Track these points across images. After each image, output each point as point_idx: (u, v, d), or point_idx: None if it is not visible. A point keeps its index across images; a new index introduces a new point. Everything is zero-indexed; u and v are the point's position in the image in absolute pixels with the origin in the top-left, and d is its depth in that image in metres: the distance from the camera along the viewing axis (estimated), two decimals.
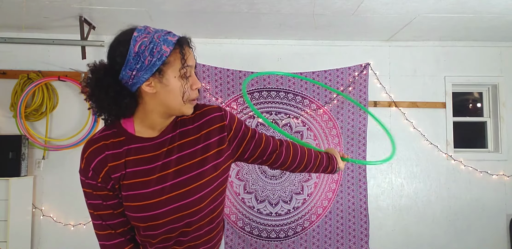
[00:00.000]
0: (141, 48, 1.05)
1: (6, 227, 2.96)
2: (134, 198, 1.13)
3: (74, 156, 3.38)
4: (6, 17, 3.05)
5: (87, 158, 1.12)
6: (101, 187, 1.13)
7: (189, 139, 1.18)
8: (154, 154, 1.15)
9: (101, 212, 1.15)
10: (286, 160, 1.35)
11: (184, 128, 1.19)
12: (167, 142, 1.17)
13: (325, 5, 2.76)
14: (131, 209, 1.13)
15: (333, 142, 3.44)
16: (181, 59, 1.09)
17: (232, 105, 3.44)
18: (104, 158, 1.11)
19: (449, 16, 2.98)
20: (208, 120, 1.21)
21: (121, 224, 1.17)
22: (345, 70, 3.49)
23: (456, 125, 3.61)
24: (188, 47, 1.12)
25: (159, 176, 1.14)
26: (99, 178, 1.12)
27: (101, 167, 1.11)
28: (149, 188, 1.13)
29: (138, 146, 1.15)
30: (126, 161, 1.13)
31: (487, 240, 3.48)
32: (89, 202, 1.15)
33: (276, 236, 3.37)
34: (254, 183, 3.40)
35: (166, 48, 1.07)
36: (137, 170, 1.13)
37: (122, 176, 1.13)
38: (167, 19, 3.08)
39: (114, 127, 1.16)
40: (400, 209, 3.51)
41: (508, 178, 3.51)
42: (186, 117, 1.21)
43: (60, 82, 3.41)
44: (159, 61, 1.06)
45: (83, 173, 1.13)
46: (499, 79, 3.60)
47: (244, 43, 3.58)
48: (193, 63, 1.13)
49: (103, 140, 1.14)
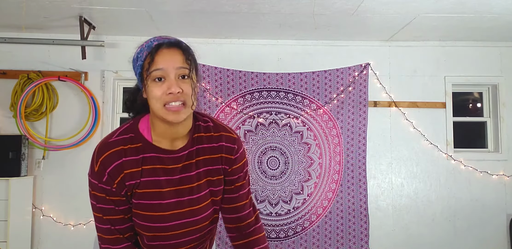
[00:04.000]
0: (135, 55, 1.10)
1: (6, 227, 2.96)
2: (147, 208, 1.12)
3: (74, 156, 3.38)
4: (6, 17, 3.05)
5: (103, 162, 1.08)
6: (115, 192, 1.10)
7: (205, 157, 1.18)
8: (172, 167, 1.14)
9: (112, 217, 1.13)
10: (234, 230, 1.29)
11: (200, 145, 1.18)
12: (184, 158, 1.15)
13: (325, 5, 2.76)
14: (141, 217, 1.13)
15: (333, 142, 3.44)
16: (149, 62, 1.05)
17: (232, 105, 3.44)
18: (120, 164, 1.09)
19: (449, 16, 2.98)
20: (218, 147, 1.19)
21: (129, 229, 1.16)
22: (345, 70, 3.49)
23: (456, 125, 3.61)
24: (166, 49, 1.06)
25: (176, 189, 1.14)
26: (115, 183, 1.09)
27: (118, 173, 1.09)
28: (164, 200, 1.13)
29: (156, 156, 1.12)
30: (143, 169, 1.11)
31: (487, 240, 3.48)
32: (99, 206, 1.12)
33: (276, 236, 3.37)
34: (254, 183, 3.40)
35: (144, 53, 1.06)
36: (153, 180, 1.12)
37: (137, 184, 1.11)
38: (167, 19, 3.08)
39: (132, 131, 1.13)
40: (400, 209, 3.51)
41: (508, 178, 3.51)
42: (203, 135, 1.18)
43: (60, 82, 3.41)
44: (139, 67, 1.08)
45: (97, 176, 1.09)
46: (499, 79, 3.60)
47: (244, 43, 3.58)
48: (166, 65, 1.04)
49: (121, 144, 1.11)
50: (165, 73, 1.04)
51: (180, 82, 1.05)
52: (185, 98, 1.05)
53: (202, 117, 1.22)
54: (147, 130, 1.13)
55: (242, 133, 3.43)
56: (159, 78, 1.05)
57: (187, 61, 1.07)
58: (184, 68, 1.06)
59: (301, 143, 3.44)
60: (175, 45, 1.07)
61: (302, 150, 3.44)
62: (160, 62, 1.04)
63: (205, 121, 1.21)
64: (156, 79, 1.05)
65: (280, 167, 3.44)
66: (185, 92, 1.05)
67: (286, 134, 3.45)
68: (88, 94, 3.37)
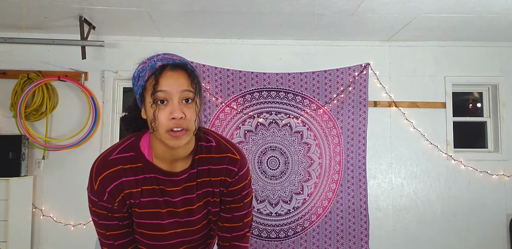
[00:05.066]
0: (136, 73, 1.06)
1: (6, 227, 2.96)
2: (146, 227, 1.14)
3: (74, 156, 3.39)
4: (6, 17, 3.05)
5: (102, 181, 1.07)
6: (117, 209, 1.10)
7: (205, 179, 1.16)
8: (172, 189, 1.13)
9: (116, 232, 1.13)
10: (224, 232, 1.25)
11: (202, 167, 1.15)
12: (185, 179, 1.14)
13: (325, 5, 2.76)
14: (139, 234, 1.17)
15: (333, 142, 3.44)
16: (153, 85, 0.99)
17: (232, 105, 3.44)
18: (120, 183, 1.08)
19: (449, 16, 2.98)
20: (221, 169, 1.16)
21: (131, 242, 1.18)
22: (345, 70, 3.49)
23: (456, 125, 3.61)
24: (170, 71, 1.01)
25: (176, 211, 1.15)
26: (116, 202, 1.09)
27: (118, 192, 1.08)
28: (159, 220, 1.14)
29: (155, 177, 1.11)
30: (143, 189, 1.10)
31: (487, 240, 3.48)
32: (101, 222, 1.11)
33: (276, 236, 3.37)
34: (254, 183, 3.40)
35: (147, 73, 1.02)
36: (152, 200, 1.12)
37: (136, 204, 1.11)
38: (167, 19, 3.08)
39: (133, 149, 1.11)
40: (400, 209, 3.51)
41: (508, 178, 3.51)
42: (205, 156, 1.15)
43: (60, 82, 3.41)
44: (140, 87, 1.04)
45: (97, 195, 1.08)
46: (499, 79, 3.60)
47: (244, 43, 3.58)
48: (170, 88, 0.99)
49: (120, 163, 1.08)
50: (169, 96, 1.00)
51: (183, 107, 1.01)
52: (187, 124, 1.01)
53: (205, 136, 1.17)
54: (148, 149, 1.11)
55: (242, 133, 3.44)
56: (161, 101, 1.00)
57: (192, 85, 1.02)
58: (188, 91, 1.01)
59: (301, 143, 3.44)
60: (180, 67, 1.03)
61: (302, 150, 3.44)
62: (164, 85, 0.99)
63: (207, 141, 1.17)
64: (159, 101, 1.00)
65: (280, 167, 3.44)
66: (188, 117, 1.01)
67: (286, 134, 3.45)
68: (88, 94, 3.37)
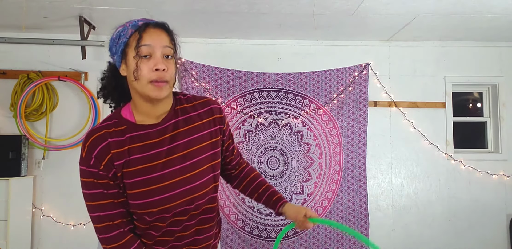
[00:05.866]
0: (115, 34, 1.14)
1: (6, 227, 2.96)
2: (141, 184, 1.13)
3: (74, 156, 3.38)
4: (6, 17, 3.05)
5: (89, 146, 1.12)
6: (102, 175, 1.12)
7: (193, 125, 1.22)
8: (158, 140, 1.17)
9: (101, 202, 1.13)
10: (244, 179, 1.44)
11: (187, 115, 1.23)
12: (170, 128, 1.19)
13: (325, 5, 2.76)
14: (138, 196, 1.13)
15: (333, 141, 3.44)
16: (137, 39, 1.08)
17: (232, 105, 3.44)
18: (107, 145, 1.12)
19: (449, 16, 2.98)
20: (209, 110, 1.26)
21: (120, 215, 1.15)
22: (345, 70, 3.49)
23: (456, 125, 3.61)
24: (153, 28, 1.11)
25: (166, 160, 1.16)
26: (101, 165, 1.11)
27: (104, 154, 1.11)
28: (155, 173, 1.14)
29: (141, 133, 1.16)
30: (129, 148, 1.14)
31: (487, 240, 3.48)
32: (88, 192, 1.13)
33: (276, 236, 3.36)
34: None
35: (129, 31, 1.11)
36: (141, 157, 1.14)
37: (126, 163, 1.13)
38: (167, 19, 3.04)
39: (115, 117, 1.18)
40: (400, 209, 3.51)
41: (508, 178, 3.51)
42: (187, 105, 1.24)
43: (60, 82, 3.41)
44: (122, 44, 1.11)
45: (84, 162, 1.12)
46: (499, 79, 3.60)
47: (244, 43, 3.58)
48: (154, 43, 1.09)
49: (105, 128, 1.15)
50: (152, 50, 1.09)
51: (165, 61, 1.10)
52: (169, 76, 1.11)
53: (179, 93, 1.29)
54: (130, 114, 1.18)
55: (242, 133, 3.43)
56: (145, 55, 1.08)
57: (171, 42, 1.13)
58: (169, 48, 1.12)
59: (301, 143, 3.44)
60: (161, 26, 1.13)
61: (302, 150, 3.44)
62: (148, 39, 1.09)
63: (184, 95, 1.28)
64: (142, 56, 1.08)
65: (280, 167, 3.44)
66: (169, 70, 1.11)
67: (286, 134, 3.45)
68: (88, 94, 3.37)
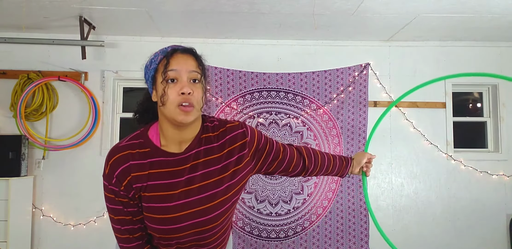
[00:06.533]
0: (148, 61, 1.18)
1: (6, 227, 2.96)
2: (155, 211, 1.16)
3: (74, 156, 3.38)
4: (6, 17, 3.05)
5: (112, 165, 1.14)
6: (123, 195, 1.15)
7: (213, 157, 1.20)
8: (178, 168, 1.17)
9: (121, 217, 1.18)
10: (310, 165, 1.43)
11: (209, 145, 1.21)
12: (191, 158, 1.18)
13: (325, 5, 2.76)
14: (151, 220, 1.17)
15: (333, 142, 3.44)
16: (165, 64, 1.11)
17: (232, 105, 3.44)
18: (127, 167, 1.14)
19: (449, 16, 2.98)
20: (230, 138, 1.23)
21: (139, 229, 1.20)
22: (345, 70, 3.49)
23: (456, 125, 3.61)
24: (180, 53, 1.14)
25: (183, 190, 1.17)
26: (122, 186, 1.14)
27: (124, 176, 1.14)
28: (171, 202, 1.16)
29: (163, 160, 1.16)
30: (150, 173, 1.15)
31: (487, 240, 3.48)
32: (110, 206, 1.18)
33: (276, 236, 3.37)
34: (254, 183, 3.40)
35: (159, 57, 1.14)
36: (160, 183, 1.16)
37: (144, 187, 1.15)
38: (167, 19, 3.08)
39: (142, 137, 1.19)
40: (400, 209, 3.51)
41: (508, 178, 3.51)
42: (212, 135, 1.22)
43: (60, 82, 3.41)
44: (152, 70, 1.15)
45: (107, 178, 1.15)
46: (499, 79, 3.60)
47: (244, 43, 3.58)
48: (180, 68, 1.12)
49: (129, 148, 1.16)
50: (178, 75, 1.11)
51: (191, 86, 1.12)
52: (195, 100, 1.11)
53: (209, 118, 1.27)
54: (156, 136, 1.19)
55: None
56: (171, 80, 1.11)
57: (199, 67, 1.16)
58: (196, 72, 1.14)
59: (301, 143, 3.44)
60: (189, 51, 1.16)
61: None
62: (175, 64, 1.11)
63: (211, 122, 1.26)
64: (169, 80, 1.10)
65: None
66: (196, 94, 1.12)
67: (286, 134, 3.45)
68: (88, 94, 3.37)
